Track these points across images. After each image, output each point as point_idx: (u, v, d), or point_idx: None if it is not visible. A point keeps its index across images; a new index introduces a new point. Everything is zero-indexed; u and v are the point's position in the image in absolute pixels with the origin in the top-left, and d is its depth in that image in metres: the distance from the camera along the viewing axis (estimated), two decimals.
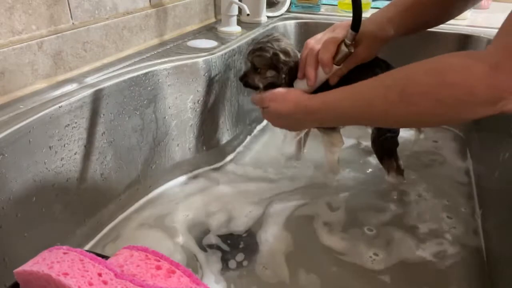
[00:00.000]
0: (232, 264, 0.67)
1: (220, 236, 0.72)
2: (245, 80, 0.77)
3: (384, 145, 0.79)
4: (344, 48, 0.62)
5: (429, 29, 1.02)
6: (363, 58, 0.66)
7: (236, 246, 0.70)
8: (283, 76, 0.71)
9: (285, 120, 0.68)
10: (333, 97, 0.59)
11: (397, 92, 0.50)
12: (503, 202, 0.66)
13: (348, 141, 0.90)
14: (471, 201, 0.81)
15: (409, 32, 0.68)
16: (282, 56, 0.70)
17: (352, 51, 0.63)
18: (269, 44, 0.71)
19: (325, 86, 0.67)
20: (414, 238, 0.72)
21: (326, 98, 0.60)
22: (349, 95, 0.57)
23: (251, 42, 0.75)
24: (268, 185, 0.86)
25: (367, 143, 0.83)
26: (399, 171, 0.81)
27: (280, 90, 0.67)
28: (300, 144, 0.94)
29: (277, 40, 0.72)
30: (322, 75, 0.66)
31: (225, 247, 0.70)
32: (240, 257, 0.68)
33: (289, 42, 0.73)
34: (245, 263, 0.67)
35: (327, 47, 0.63)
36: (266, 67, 0.72)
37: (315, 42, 0.66)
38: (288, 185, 0.86)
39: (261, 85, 0.74)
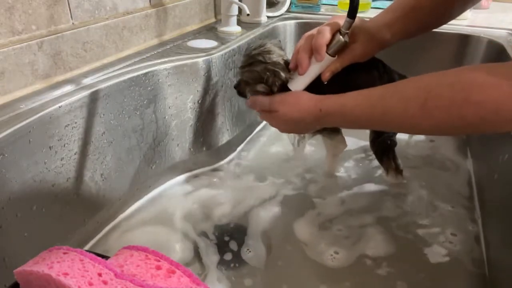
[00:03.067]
0: (228, 256, 0.68)
1: (220, 232, 0.73)
2: (238, 90, 0.75)
3: (383, 145, 0.79)
4: (339, 37, 0.61)
5: None
6: (358, 56, 0.64)
7: (235, 242, 0.71)
8: (275, 90, 0.69)
9: (294, 125, 0.65)
10: (350, 101, 0.57)
11: (418, 105, 0.49)
12: (504, 202, 0.66)
13: (347, 140, 0.91)
14: (471, 202, 0.81)
15: (409, 36, 0.67)
16: (277, 70, 0.67)
17: (347, 40, 0.61)
18: (260, 58, 0.68)
19: (318, 84, 0.66)
20: (398, 240, 0.71)
21: (343, 102, 0.58)
22: (366, 101, 0.56)
23: (246, 48, 0.72)
24: (267, 184, 0.86)
25: (365, 142, 0.83)
26: (398, 171, 0.81)
27: (290, 93, 0.65)
28: (299, 144, 0.94)
29: (268, 52, 0.69)
30: (315, 67, 0.64)
31: (225, 242, 0.71)
32: (237, 248, 0.70)
33: (281, 53, 0.70)
34: (240, 255, 0.68)
35: (322, 33, 0.61)
36: (256, 81, 0.69)
37: (313, 31, 0.65)
38: (287, 184, 0.86)
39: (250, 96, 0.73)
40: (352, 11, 0.59)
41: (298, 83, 0.66)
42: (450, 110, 0.47)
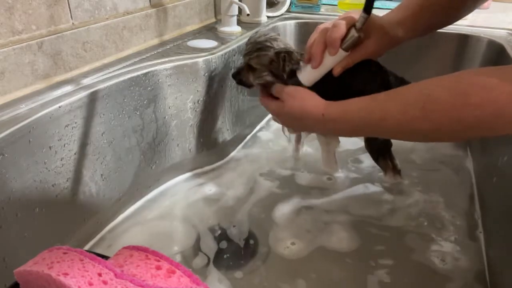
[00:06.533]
0: (226, 253, 0.68)
1: (220, 231, 0.73)
2: (239, 78, 0.75)
3: (378, 145, 0.79)
4: (353, 32, 0.60)
5: None
6: (370, 52, 0.64)
7: (234, 240, 0.71)
8: (284, 75, 0.69)
9: (294, 121, 0.66)
10: (351, 107, 0.58)
11: (417, 108, 0.49)
12: (503, 203, 0.66)
13: (348, 141, 0.91)
14: (471, 204, 0.81)
15: (420, 34, 0.67)
16: (290, 51, 0.68)
17: (362, 36, 0.60)
18: (268, 44, 0.69)
19: (327, 80, 0.66)
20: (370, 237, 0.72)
21: (344, 108, 0.58)
22: (366, 106, 0.56)
23: (247, 41, 0.73)
24: (267, 184, 0.86)
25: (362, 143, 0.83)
26: (396, 171, 0.80)
27: (302, 89, 0.65)
28: (298, 144, 0.94)
29: (275, 39, 0.70)
30: (328, 61, 0.64)
31: (225, 240, 0.71)
32: (237, 246, 0.70)
33: (286, 42, 0.71)
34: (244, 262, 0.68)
35: (337, 26, 0.61)
36: (263, 67, 0.70)
37: (327, 24, 0.64)
38: (286, 184, 0.86)
39: (256, 83, 0.74)
40: (368, 6, 0.58)
41: (310, 76, 0.66)
42: (449, 113, 0.46)
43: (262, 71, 0.70)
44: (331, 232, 0.73)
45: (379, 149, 0.80)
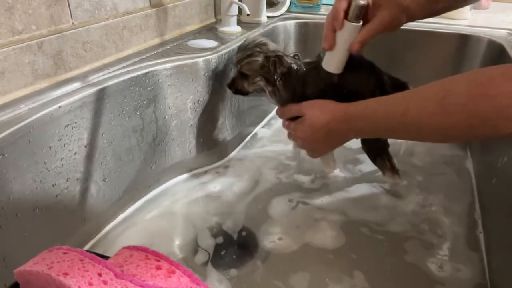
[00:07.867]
0: (227, 254, 0.68)
1: (220, 230, 0.73)
2: (235, 88, 0.76)
3: (375, 145, 0.78)
4: (356, 1, 0.58)
5: (428, 29, 1.02)
6: (386, 23, 0.62)
7: (233, 242, 0.71)
8: (278, 78, 0.69)
9: (319, 132, 0.66)
10: (372, 103, 0.59)
11: (436, 102, 0.49)
12: (503, 203, 0.66)
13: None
14: (471, 204, 0.81)
15: (430, 15, 0.66)
16: (280, 55, 0.69)
17: (365, 3, 0.59)
18: (258, 49, 0.70)
19: (308, 81, 0.66)
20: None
21: (366, 104, 0.59)
22: (386, 102, 0.57)
23: (237, 49, 0.73)
24: (267, 183, 0.86)
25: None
26: (394, 171, 0.80)
27: (319, 100, 0.66)
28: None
29: (265, 44, 0.71)
30: (341, 39, 0.62)
31: (224, 240, 0.71)
32: (236, 245, 0.71)
33: (276, 46, 0.72)
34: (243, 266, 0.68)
35: (339, 0, 0.60)
36: (255, 73, 0.71)
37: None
38: (285, 183, 0.86)
39: (251, 90, 0.74)
40: None
41: (331, 61, 0.65)
42: (467, 106, 0.46)
43: (255, 76, 0.71)
44: (318, 229, 0.74)
45: (376, 149, 0.79)
